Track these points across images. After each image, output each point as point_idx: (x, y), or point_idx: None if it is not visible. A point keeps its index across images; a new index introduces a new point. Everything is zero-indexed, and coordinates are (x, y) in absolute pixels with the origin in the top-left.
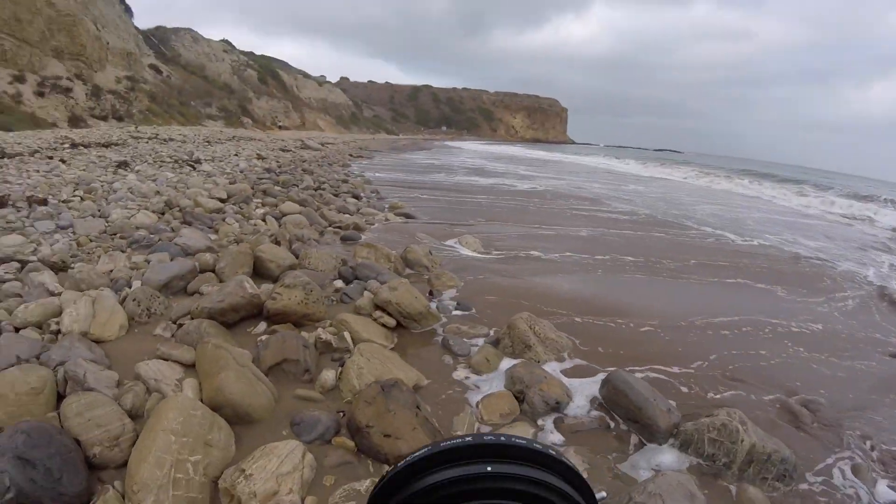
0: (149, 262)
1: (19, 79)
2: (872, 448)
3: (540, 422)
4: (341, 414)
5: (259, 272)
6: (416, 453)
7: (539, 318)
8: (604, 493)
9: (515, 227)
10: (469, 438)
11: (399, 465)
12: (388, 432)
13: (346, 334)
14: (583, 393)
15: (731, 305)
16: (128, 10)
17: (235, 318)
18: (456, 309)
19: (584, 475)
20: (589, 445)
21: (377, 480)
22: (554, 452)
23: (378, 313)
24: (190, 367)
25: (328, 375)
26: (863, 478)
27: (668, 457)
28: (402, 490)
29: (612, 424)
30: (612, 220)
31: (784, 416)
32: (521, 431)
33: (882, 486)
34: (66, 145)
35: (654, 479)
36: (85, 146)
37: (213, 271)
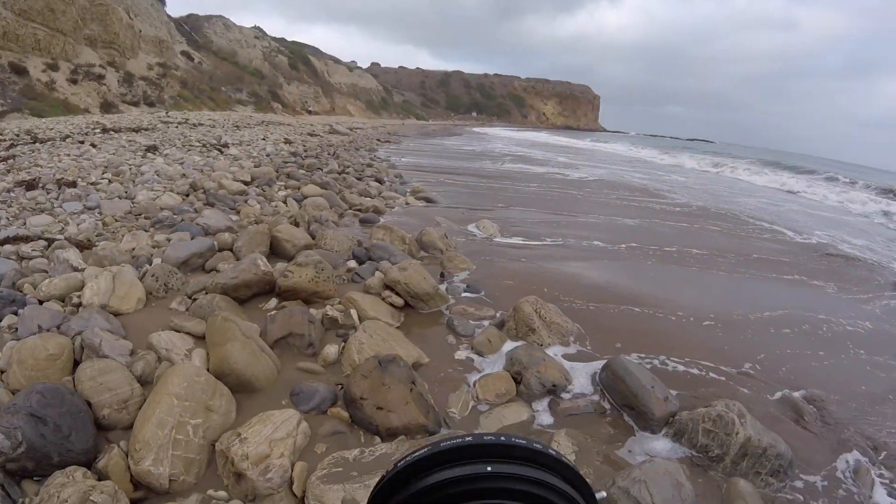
0: (170, 241)
1: (53, 67)
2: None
3: (535, 404)
4: (339, 386)
5: (275, 251)
6: (416, 453)
7: (546, 302)
8: (604, 494)
9: (549, 214)
10: (469, 438)
11: (399, 464)
12: (381, 405)
13: (353, 311)
14: (583, 377)
15: (792, 302)
16: None
17: (248, 294)
18: (465, 291)
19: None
20: (582, 429)
21: (377, 480)
22: (554, 452)
23: (387, 293)
24: (200, 338)
25: (331, 350)
26: (862, 480)
27: (660, 445)
28: (402, 490)
29: (609, 410)
30: (667, 211)
31: (794, 414)
32: (515, 412)
33: (880, 490)
34: (97, 130)
35: (640, 465)
36: (115, 131)
37: (231, 250)
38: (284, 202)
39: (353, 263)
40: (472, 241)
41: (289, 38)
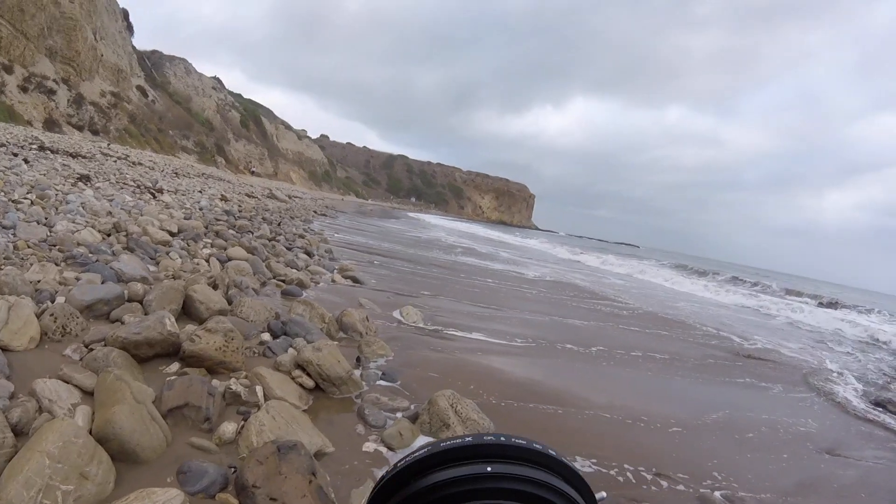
0: (79, 280)
1: (7, 69)
2: None
3: None
4: (232, 469)
5: (188, 312)
6: (416, 453)
7: (464, 397)
8: (603, 494)
9: (493, 310)
10: (469, 438)
11: (398, 464)
12: (275, 496)
13: (259, 388)
14: None
15: (740, 403)
16: (129, 27)
17: (149, 354)
18: (381, 379)
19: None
20: None
21: (376, 481)
22: (554, 453)
23: (297, 372)
24: (89, 394)
25: (228, 427)
26: None
27: None
28: (401, 490)
29: None
30: (616, 315)
31: None
32: None
33: None
34: (34, 146)
35: None
36: (53, 151)
37: (141, 303)
38: (207, 261)
39: (266, 336)
40: (395, 327)
41: (245, 95)
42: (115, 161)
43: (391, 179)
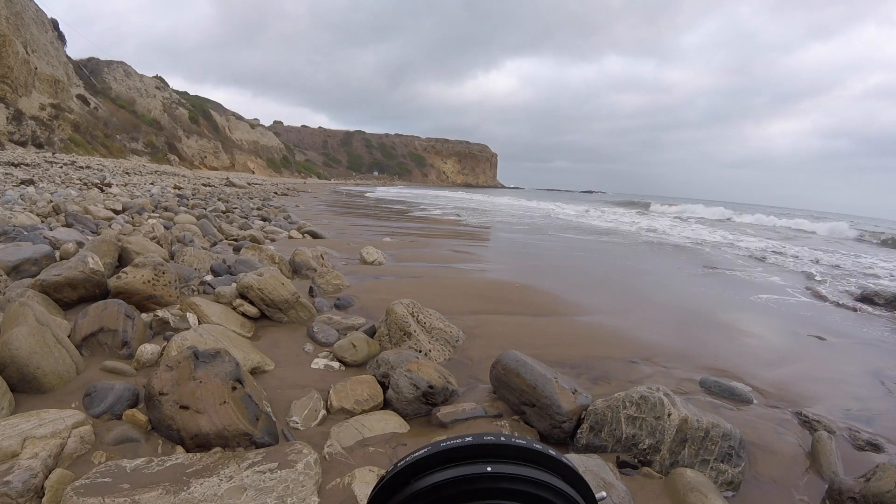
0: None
1: None
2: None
3: (408, 411)
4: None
5: (124, 265)
6: (416, 453)
7: (427, 307)
8: (604, 494)
9: None
10: (469, 438)
11: (398, 464)
12: (186, 403)
13: (192, 316)
14: (472, 383)
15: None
16: (61, 37)
17: (73, 297)
18: (336, 305)
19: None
20: None
21: (376, 481)
22: (553, 453)
23: (239, 301)
24: None
25: (148, 349)
26: (822, 450)
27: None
28: (401, 490)
29: (504, 413)
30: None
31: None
32: (380, 420)
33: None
34: None
35: None
36: None
37: None
38: (152, 228)
39: (209, 278)
40: (355, 265)
41: (191, 93)
42: (62, 167)
43: (351, 156)
